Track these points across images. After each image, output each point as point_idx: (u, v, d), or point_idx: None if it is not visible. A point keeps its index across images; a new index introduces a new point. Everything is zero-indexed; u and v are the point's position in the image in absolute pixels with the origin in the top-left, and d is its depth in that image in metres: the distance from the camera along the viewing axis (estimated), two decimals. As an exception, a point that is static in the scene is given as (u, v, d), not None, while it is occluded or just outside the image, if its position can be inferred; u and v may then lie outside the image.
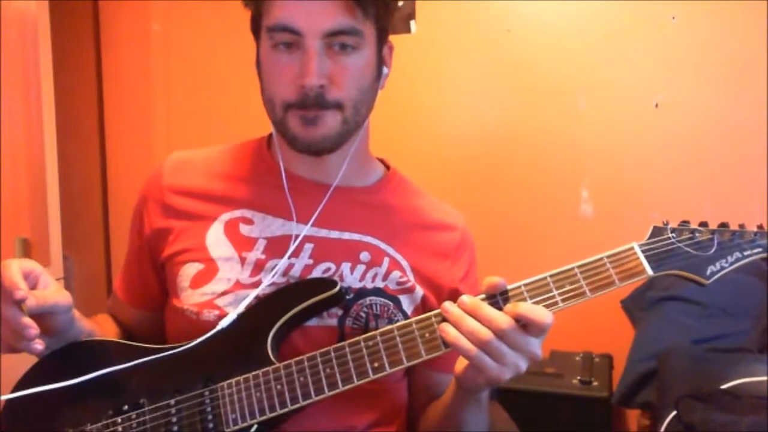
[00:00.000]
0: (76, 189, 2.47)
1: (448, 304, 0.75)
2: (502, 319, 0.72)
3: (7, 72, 1.97)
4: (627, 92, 2.06)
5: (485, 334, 0.72)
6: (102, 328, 0.92)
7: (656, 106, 2.03)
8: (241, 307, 0.84)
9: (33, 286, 0.77)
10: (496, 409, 1.11)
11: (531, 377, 1.83)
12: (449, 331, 0.74)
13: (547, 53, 2.11)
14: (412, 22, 2.19)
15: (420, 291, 0.91)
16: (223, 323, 0.82)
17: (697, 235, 0.78)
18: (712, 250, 0.77)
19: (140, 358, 0.82)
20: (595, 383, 1.80)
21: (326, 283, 0.83)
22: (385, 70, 0.89)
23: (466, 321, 0.73)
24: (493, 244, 2.11)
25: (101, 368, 0.81)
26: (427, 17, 2.19)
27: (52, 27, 2.10)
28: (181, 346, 0.83)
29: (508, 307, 0.73)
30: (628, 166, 2.07)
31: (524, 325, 0.73)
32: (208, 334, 0.82)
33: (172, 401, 0.80)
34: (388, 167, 1.00)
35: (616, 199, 2.07)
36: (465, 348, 0.72)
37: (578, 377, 1.83)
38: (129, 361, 0.82)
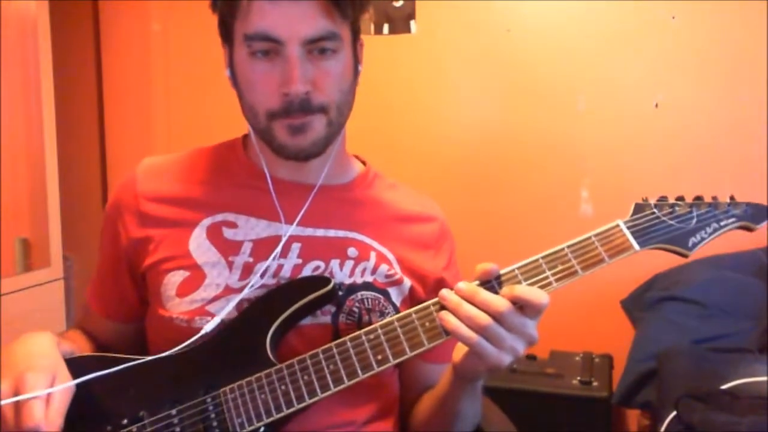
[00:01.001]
0: (76, 189, 2.47)
1: (445, 292, 0.76)
2: (499, 302, 0.73)
3: (7, 72, 1.98)
4: (627, 92, 2.06)
5: (484, 319, 0.72)
6: (78, 346, 0.89)
7: (656, 106, 2.04)
8: (226, 311, 0.83)
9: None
10: (492, 409, 1.10)
11: (531, 377, 1.83)
12: (449, 319, 0.74)
13: (547, 53, 2.11)
14: (412, 22, 2.19)
15: (407, 282, 0.91)
16: (207, 327, 0.82)
17: (676, 209, 0.80)
18: (693, 223, 0.80)
19: (134, 370, 0.81)
20: (595, 383, 1.80)
21: (319, 280, 0.83)
22: (359, 67, 0.89)
23: (464, 307, 0.74)
24: (492, 243, 2.11)
25: (96, 383, 0.79)
26: (427, 17, 2.19)
27: (52, 27, 2.10)
28: (174, 353, 0.82)
29: (505, 290, 0.74)
30: (628, 166, 2.07)
31: (520, 307, 0.74)
32: (195, 337, 0.81)
33: (174, 411, 0.79)
34: (364, 163, 1.00)
35: (616, 199, 2.06)
36: (465, 335, 0.73)
37: (578, 377, 1.83)
38: (124, 375, 0.80)
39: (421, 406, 0.95)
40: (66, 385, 0.75)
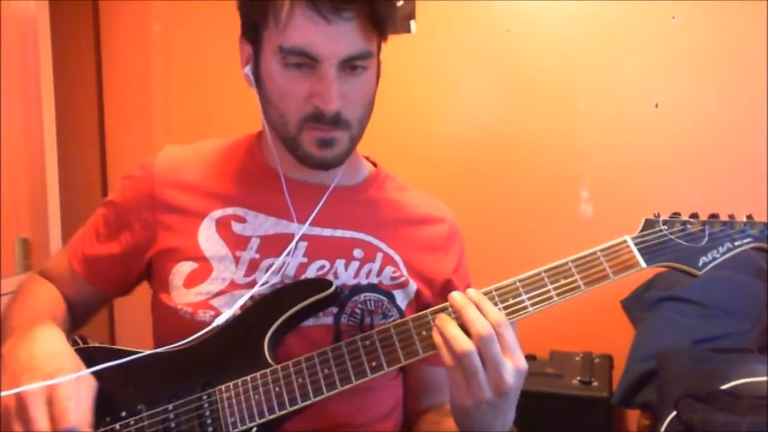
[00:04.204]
0: (76, 189, 2.47)
1: (457, 294, 0.74)
2: (481, 325, 0.70)
3: (7, 72, 1.97)
4: (627, 92, 2.06)
5: (467, 346, 0.70)
6: (54, 314, 0.88)
7: (656, 106, 2.03)
8: (236, 306, 0.83)
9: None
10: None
11: (531, 377, 1.82)
12: (434, 336, 0.73)
13: (547, 53, 2.11)
14: (412, 22, 2.19)
15: (413, 285, 0.91)
16: (219, 320, 0.82)
17: (688, 226, 0.78)
18: (704, 242, 0.78)
19: (136, 363, 0.81)
20: (595, 383, 1.80)
21: (321, 283, 0.83)
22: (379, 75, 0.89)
23: (455, 323, 0.72)
24: (492, 244, 2.11)
25: (98, 375, 0.78)
26: (427, 17, 2.19)
27: (52, 27, 2.10)
28: (177, 346, 0.82)
29: (470, 291, 0.73)
30: (628, 166, 2.07)
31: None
32: (202, 333, 0.81)
33: (170, 406, 0.79)
34: (374, 165, 1.00)
35: (616, 199, 2.07)
36: (443, 355, 0.72)
37: (578, 377, 1.83)
38: (125, 368, 0.80)
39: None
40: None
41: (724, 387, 1.32)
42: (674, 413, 1.31)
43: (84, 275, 0.96)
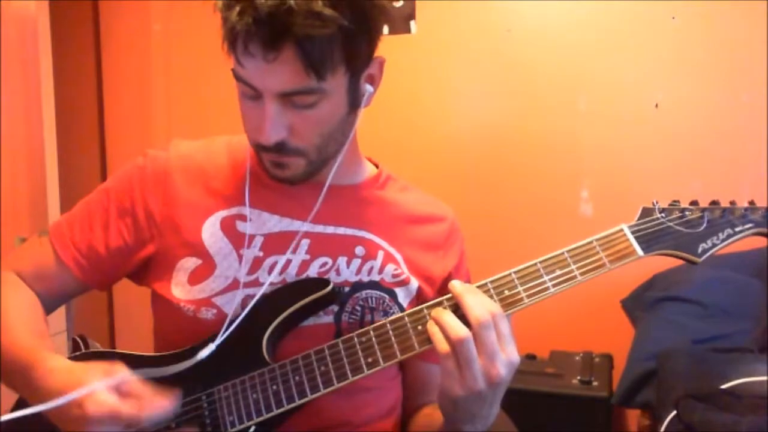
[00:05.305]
0: (76, 189, 2.47)
1: (456, 283, 0.75)
2: (480, 310, 0.71)
3: (7, 72, 1.97)
4: (627, 92, 2.06)
5: (463, 332, 0.71)
6: (39, 326, 0.87)
7: (656, 106, 2.04)
8: (222, 338, 0.82)
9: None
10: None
11: (531, 377, 1.83)
12: (429, 326, 0.74)
13: (547, 53, 2.11)
14: (412, 22, 2.19)
15: (415, 283, 0.92)
16: (202, 354, 0.81)
17: (687, 214, 0.77)
18: (702, 228, 0.76)
19: (144, 367, 0.81)
20: (595, 383, 1.80)
21: (319, 282, 0.84)
22: (370, 89, 0.87)
23: (451, 314, 0.73)
24: (492, 244, 2.11)
25: None
26: (427, 17, 2.19)
27: (52, 27, 2.11)
28: (178, 356, 0.82)
29: (456, 284, 0.74)
30: (628, 166, 2.07)
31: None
32: (191, 362, 0.80)
33: None
34: (376, 166, 1.01)
35: (616, 200, 2.07)
36: (437, 343, 0.72)
37: (578, 377, 1.82)
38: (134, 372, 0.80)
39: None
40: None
41: (724, 387, 1.32)
42: (674, 413, 1.31)
43: (74, 268, 0.91)
